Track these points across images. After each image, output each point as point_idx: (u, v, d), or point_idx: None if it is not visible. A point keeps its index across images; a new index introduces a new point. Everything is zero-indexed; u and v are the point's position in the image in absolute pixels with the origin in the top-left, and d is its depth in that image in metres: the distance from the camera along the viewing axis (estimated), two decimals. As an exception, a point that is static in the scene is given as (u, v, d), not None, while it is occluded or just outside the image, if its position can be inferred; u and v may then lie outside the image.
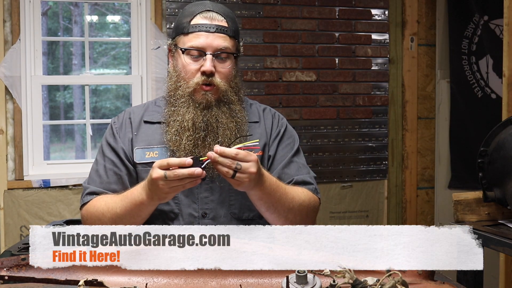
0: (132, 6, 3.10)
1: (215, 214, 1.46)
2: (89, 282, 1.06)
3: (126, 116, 1.56)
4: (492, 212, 1.90)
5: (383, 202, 3.44)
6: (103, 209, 1.41)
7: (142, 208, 1.34)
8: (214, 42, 1.42)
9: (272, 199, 1.36)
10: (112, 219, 1.38)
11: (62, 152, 8.13)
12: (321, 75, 3.30)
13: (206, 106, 1.43)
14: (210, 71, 1.41)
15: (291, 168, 1.52)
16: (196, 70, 1.43)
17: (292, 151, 1.55)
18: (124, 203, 1.36)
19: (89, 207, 1.45)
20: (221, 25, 1.45)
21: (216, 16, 1.46)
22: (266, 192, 1.33)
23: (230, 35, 1.46)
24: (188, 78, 1.44)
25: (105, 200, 1.42)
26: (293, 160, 1.54)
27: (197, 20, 1.45)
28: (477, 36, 3.31)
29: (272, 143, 1.55)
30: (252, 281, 1.15)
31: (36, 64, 2.97)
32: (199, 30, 1.43)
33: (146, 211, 1.36)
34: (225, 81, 1.45)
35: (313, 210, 1.48)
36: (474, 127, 3.31)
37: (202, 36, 1.43)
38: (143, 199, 1.32)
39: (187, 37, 1.45)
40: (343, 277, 1.05)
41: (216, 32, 1.43)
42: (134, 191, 1.36)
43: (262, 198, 1.34)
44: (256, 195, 1.34)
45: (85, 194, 1.48)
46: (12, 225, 2.89)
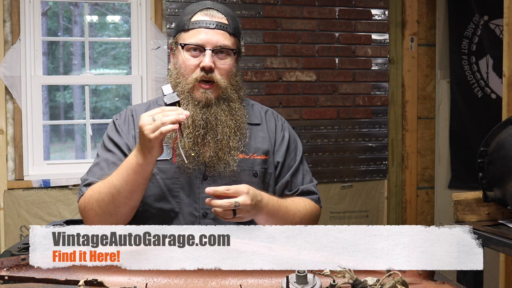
0: (132, 6, 3.10)
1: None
2: (89, 282, 1.06)
3: (128, 113, 1.56)
4: (492, 212, 1.90)
5: (383, 202, 3.44)
6: (100, 186, 1.38)
7: (137, 170, 1.32)
8: (213, 38, 1.43)
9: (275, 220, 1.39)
10: (110, 194, 1.35)
11: (62, 152, 8.13)
12: (321, 75, 3.30)
13: (206, 104, 1.44)
14: (209, 66, 1.42)
15: (298, 177, 1.57)
16: (195, 66, 1.44)
17: (299, 158, 1.59)
18: (120, 171, 1.35)
19: (87, 194, 1.42)
20: (221, 22, 1.45)
21: (217, 13, 1.47)
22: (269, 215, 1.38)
23: (230, 32, 1.46)
24: (188, 74, 1.44)
25: (101, 180, 1.40)
26: (299, 168, 1.58)
27: (198, 17, 1.46)
28: (477, 36, 3.32)
29: (279, 149, 1.57)
30: (252, 281, 1.15)
31: (36, 64, 2.97)
32: (199, 26, 1.44)
33: (142, 174, 1.33)
34: (224, 77, 1.45)
35: (314, 220, 1.54)
36: (474, 127, 3.31)
37: (202, 32, 1.43)
38: (136, 158, 1.31)
39: (187, 33, 1.46)
40: (343, 277, 1.05)
41: (216, 28, 1.44)
42: (128, 157, 1.36)
43: (267, 220, 1.38)
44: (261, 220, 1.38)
45: (83, 185, 1.45)
46: (12, 225, 2.89)
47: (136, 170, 1.32)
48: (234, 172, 1.46)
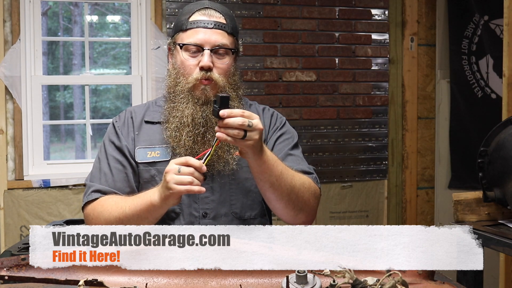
0: (132, 6, 3.10)
1: (216, 213, 1.46)
2: (89, 282, 1.06)
3: (127, 115, 1.56)
4: (492, 212, 1.90)
5: (383, 202, 3.44)
6: (112, 207, 1.38)
7: (151, 209, 1.31)
8: (212, 37, 1.43)
9: (274, 172, 1.32)
10: (118, 218, 1.35)
11: (62, 152, 8.14)
12: (321, 75, 3.30)
13: (205, 102, 1.44)
14: (208, 66, 1.41)
15: (288, 161, 1.48)
16: (194, 66, 1.44)
17: (290, 145, 1.54)
18: (134, 202, 1.35)
19: (97, 206, 1.42)
20: (219, 22, 1.45)
21: (214, 13, 1.47)
22: (269, 163, 1.30)
23: (228, 32, 1.46)
24: (187, 73, 1.44)
25: (115, 200, 1.40)
26: (291, 153, 1.52)
27: (196, 16, 1.46)
28: (477, 36, 3.31)
29: (270, 138, 1.54)
30: (252, 281, 1.15)
31: (36, 64, 2.97)
32: (197, 26, 1.44)
33: (155, 214, 1.33)
34: (223, 76, 1.45)
35: (314, 195, 1.45)
36: (474, 127, 3.30)
37: (200, 32, 1.43)
38: (154, 198, 1.30)
39: (185, 33, 1.45)
40: (343, 277, 1.05)
41: (214, 28, 1.44)
42: (148, 191, 1.35)
43: (265, 170, 1.31)
44: (259, 166, 1.30)
45: (90, 191, 1.45)
46: (12, 225, 2.89)
47: (149, 208, 1.32)
48: (232, 170, 1.46)
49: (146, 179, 1.47)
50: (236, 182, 1.49)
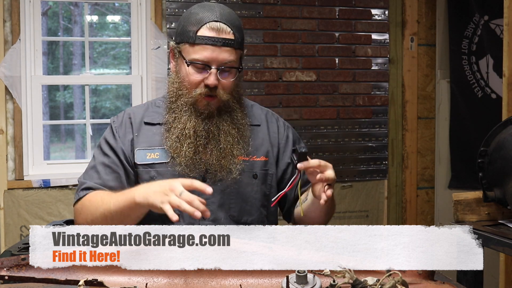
0: (132, 6, 3.10)
1: (215, 216, 1.46)
2: (89, 282, 1.06)
3: (126, 116, 1.55)
4: (492, 212, 1.90)
5: (383, 202, 3.44)
6: (98, 203, 1.38)
7: (132, 207, 1.30)
8: (219, 56, 1.40)
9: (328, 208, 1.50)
10: (103, 215, 1.35)
11: (62, 152, 8.14)
12: (321, 75, 3.30)
13: (208, 116, 1.45)
14: (214, 85, 1.41)
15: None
16: (199, 81, 1.43)
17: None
18: (119, 199, 1.34)
19: (85, 201, 1.43)
20: (228, 38, 1.41)
21: (224, 28, 1.41)
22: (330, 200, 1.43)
23: (236, 48, 1.44)
24: (191, 88, 1.44)
25: (101, 196, 1.41)
26: None
27: (204, 31, 1.41)
28: (477, 36, 3.31)
29: (285, 150, 1.63)
30: (252, 281, 1.15)
31: (36, 64, 2.97)
32: (205, 43, 1.40)
33: (136, 211, 1.32)
34: (227, 92, 1.45)
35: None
36: (474, 127, 3.30)
37: (208, 50, 1.40)
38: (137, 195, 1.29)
39: (193, 48, 1.42)
40: (343, 277, 1.05)
41: (223, 46, 1.41)
42: (133, 189, 1.34)
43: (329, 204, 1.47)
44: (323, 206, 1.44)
45: (81, 189, 1.46)
46: (12, 225, 2.89)
47: (131, 206, 1.30)
48: (235, 179, 1.48)
49: (145, 180, 1.47)
50: (237, 186, 1.49)
